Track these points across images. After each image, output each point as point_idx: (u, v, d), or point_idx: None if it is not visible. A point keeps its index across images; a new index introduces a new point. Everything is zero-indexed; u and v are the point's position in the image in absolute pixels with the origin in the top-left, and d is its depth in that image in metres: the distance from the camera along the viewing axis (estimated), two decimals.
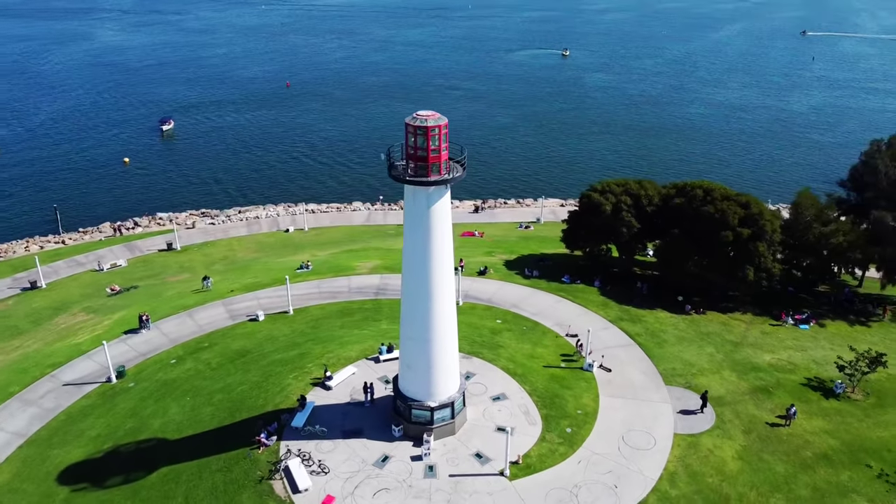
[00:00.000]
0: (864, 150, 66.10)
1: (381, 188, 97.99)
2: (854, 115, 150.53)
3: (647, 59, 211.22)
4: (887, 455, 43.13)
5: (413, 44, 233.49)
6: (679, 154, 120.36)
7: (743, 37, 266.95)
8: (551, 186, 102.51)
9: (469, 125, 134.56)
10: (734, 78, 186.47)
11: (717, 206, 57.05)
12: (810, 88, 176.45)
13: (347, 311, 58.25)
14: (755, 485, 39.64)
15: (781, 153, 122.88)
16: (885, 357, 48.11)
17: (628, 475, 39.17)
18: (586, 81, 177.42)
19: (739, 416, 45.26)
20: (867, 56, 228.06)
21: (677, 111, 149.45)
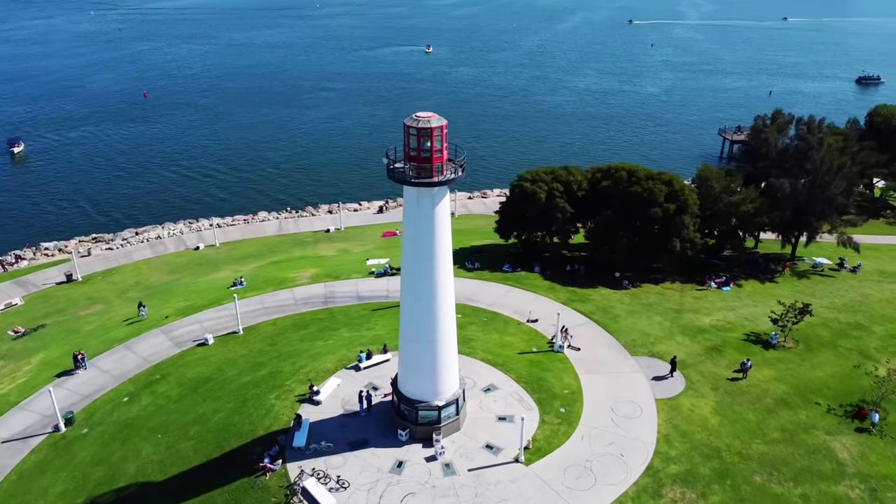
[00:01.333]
0: (722, 127, 73.26)
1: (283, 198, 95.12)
2: (701, 95, 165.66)
3: (506, 52, 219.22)
4: (828, 392, 48.75)
5: (270, 45, 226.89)
6: (555, 139, 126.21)
7: (585, 27, 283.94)
8: None
9: (353, 125, 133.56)
10: (589, 66, 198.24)
11: (643, 186, 61.13)
12: (657, 72, 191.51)
13: (301, 324, 56.45)
14: (736, 435, 43.41)
15: (647, 132, 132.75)
16: (810, 306, 54.11)
17: (629, 443, 41.50)
18: (455, 76, 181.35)
19: (704, 375, 49.18)
20: (697, 41, 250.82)
21: (545, 99, 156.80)
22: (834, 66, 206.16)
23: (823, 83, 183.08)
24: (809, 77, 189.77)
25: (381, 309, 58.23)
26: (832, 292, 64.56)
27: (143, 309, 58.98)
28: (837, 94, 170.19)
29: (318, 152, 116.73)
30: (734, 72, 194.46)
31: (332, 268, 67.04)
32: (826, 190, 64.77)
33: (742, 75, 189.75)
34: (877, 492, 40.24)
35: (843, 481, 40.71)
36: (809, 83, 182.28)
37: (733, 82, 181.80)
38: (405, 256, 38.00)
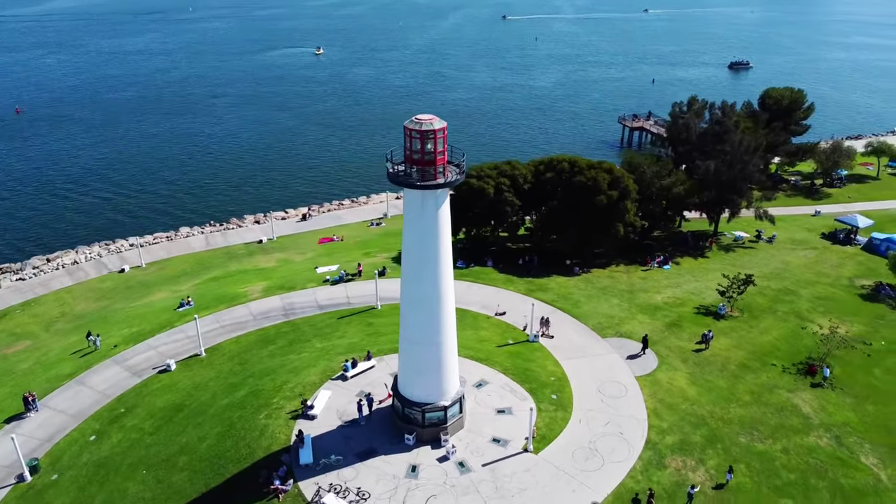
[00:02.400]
0: (621, 115, 77.67)
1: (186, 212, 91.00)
2: (591, 85, 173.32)
3: (397, 51, 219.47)
4: (780, 353, 53.09)
5: (148, 52, 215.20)
6: (462, 135, 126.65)
7: (468, 24, 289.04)
8: (369, 181, 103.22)
9: (257, 131, 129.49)
10: (480, 62, 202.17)
11: (587, 175, 63.62)
12: (547, 65, 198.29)
13: (267, 339, 54.57)
14: (714, 401, 46.45)
15: (550, 124, 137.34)
16: (752, 277, 58.52)
17: (624, 421, 43.43)
18: (351, 77, 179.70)
19: (671, 350, 52.12)
20: (577, 34, 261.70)
21: (444, 96, 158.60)
22: (706, 54, 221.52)
23: (700, 69, 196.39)
24: (686, 64, 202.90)
25: (346, 316, 57.31)
26: (757, 262, 69.92)
27: (95, 338, 54.90)
28: (713, 79, 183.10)
29: (227, 161, 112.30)
30: (616, 62, 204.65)
31: (282, 279, 65.09)
32: (745, 168, 69.96)
33: (625, 65, 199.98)
34: (840, 438, 44.35)
35: (812, 433, 44.54)
36: (687, 70, 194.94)
37: (618, 72, 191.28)
38: (407, 260, 37.79)
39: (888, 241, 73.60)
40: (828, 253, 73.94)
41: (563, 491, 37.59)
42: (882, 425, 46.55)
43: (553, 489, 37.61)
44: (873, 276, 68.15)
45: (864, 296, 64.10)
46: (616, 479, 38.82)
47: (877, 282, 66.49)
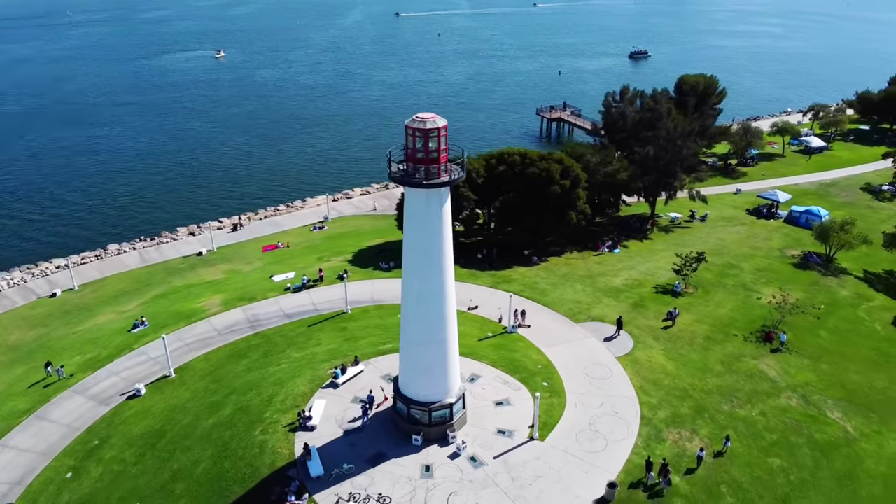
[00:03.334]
0: (539, 107, 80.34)
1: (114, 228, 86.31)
2: (502, 79, 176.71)
3: (301, 51, 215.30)
4: (737, 324, 56.46)
5: (32, 61, 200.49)
6: (387, 134, 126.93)
7: (368, 21, 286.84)
8: (302, 185, 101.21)
9: (166, 140, 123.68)
10: (388, 59, 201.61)
11: (539, 167, 65.10)
12: (455, 61, 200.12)
13: (239, 353, 52.62)
14: (692, 374, 48.89)
15: (470, 118, 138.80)
16: (704, 254, 61.82)
17: (616, 401, 45.00)
18: (259, 79, 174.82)
19: (641, 329, 54.32)
20: (477, 29, 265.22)
21: (361, 95, 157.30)
22: (605, 45, 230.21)
23: (602, 59, 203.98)
24: (588, 55, 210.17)
25: (316, 323, 56.10)
26: (697, 241, 73.84)
27: (59, 369, 51.07)
28: (616, 68, 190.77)
29: (143, 173, 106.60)
30: (521, 56, 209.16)
31: (239, 291, 62.82)
32: (680, 153, 73.63)
33: (530, 58, 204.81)
34: (806, 397, 47.80)
35: (782, 395, 47.77)
36: (590, 60, 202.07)
37: (525, 66, 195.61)
38: (411, 260, 37.49)
39: (807, 213, 79.50)
40: (756, 227, 79.04)
41: (577, 474, 38.55)
42: (837, 382, 50.48)
43: (567, 473, 38.51)
44: (799, 246, 73.48)
45: (796, 265, 69.06)
46: (622, 456, 40.19)
47: (804, 251, 71.71)
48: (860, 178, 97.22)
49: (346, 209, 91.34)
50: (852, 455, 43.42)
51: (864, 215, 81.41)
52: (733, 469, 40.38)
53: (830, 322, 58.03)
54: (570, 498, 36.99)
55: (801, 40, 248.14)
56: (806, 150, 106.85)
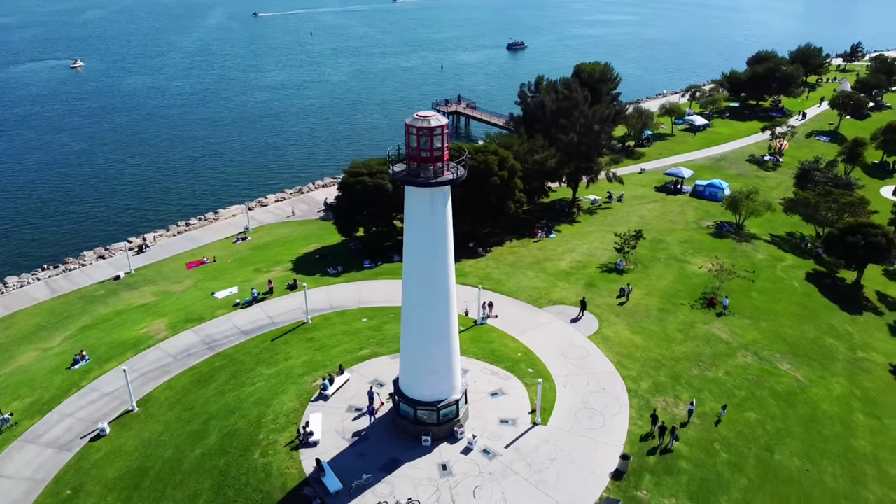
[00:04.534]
0: (435, 101, 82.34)
1: None
2: (389, 76, 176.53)
3: (168, 56, 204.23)
4: (681, 294, 60.42)
5: None
6: (277, 138, 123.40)
7: (231, 22, 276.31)
8: (208, 196, 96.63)
9: (34, 159, 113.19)
10: (265, 61, 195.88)
11: (478, 159, 66.06)
12: (336, 60, 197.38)
13: (204, 377, 49.75)
14: (658, 345, 51.87)
15: (364, 118, 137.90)
16: (641, 231, 65.41)
17: (601, 378, 46.96)
18: (127, 89, 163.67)
19: (601, 308, 56.81)
20: (348, 26, 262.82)
21: (244, 100, 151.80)
22: (480, 38, 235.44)
23: (482, 52, 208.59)
24: (467, 48, 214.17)
25: (279, 337, 54.06)
26: (620, 219, 77.91)
27: (7, 416, 45.84)
28: (496, 60, 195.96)
29: (20, 195, 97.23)
30: (400, 52, 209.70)
31: (182, 312, 59.19)
32: (598, 137, 77.25)
33: (409, 54, 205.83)
34: (758, 353, 52.15)
35: (738, 354, 51.78)
36: (470, 53, 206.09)
37: (406, 61, 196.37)
38: (415, 260, 37.19)
39: (710, 186, 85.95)
40: (668, 203, 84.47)
41: (587, 451, 39.95)
42: (778, 337, 55.37)
43: (577, 452, 39.82)
44: (710, 217, 79.39)
45: (713, 234, 74.62)
46: (622, 429, 42.09)
47: (717, 221, 77.56)
48: (743, 150, 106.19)
49: (265, 217, 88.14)
50: (809, 401, 47.87)
51: (756, 184, 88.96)
52: (720, 427, 43.32)
53: (758, 284, 63.27)
54: (587, 475, 38.27)
55: (656, 27, 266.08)
56: (691, 128, 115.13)
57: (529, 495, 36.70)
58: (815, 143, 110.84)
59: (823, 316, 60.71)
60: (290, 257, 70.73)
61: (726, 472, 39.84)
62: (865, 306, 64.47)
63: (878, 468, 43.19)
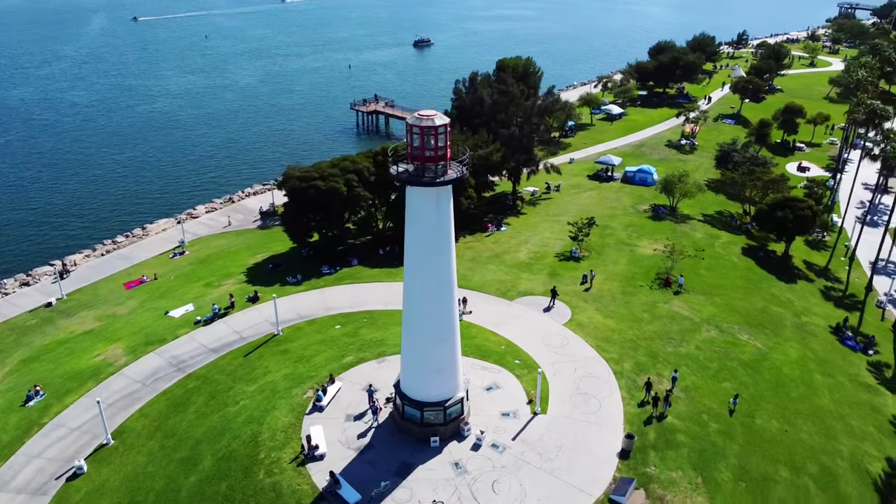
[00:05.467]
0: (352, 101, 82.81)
1: None
2: (296, 78, 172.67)
3: (53, 65, 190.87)
4: (638, 276, 62.99)
5: None
6: (197, 149, 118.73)
7: (115, 26, 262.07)
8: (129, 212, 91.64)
9: None
10: (165, 67, 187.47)
11: None
12: (240, 63, 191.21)
13: (181, 401, 47.29)
14: (629, 326, 53.92)
15: (284, 120, 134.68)
16: (593, 219, 67.57)
17: (586, 364, 48.34)
18: (12, 103, 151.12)
19: (568, 295, 58.35)
20: (244, 28, 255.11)
21: (150, 109, 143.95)
22: (384, 35, 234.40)
23: (388, 50, 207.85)
24: (372, 47, 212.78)
25: (251, 352, 52.18)
26: (562, 209, 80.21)
27: None
28: (404, 58, 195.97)
29: None
30: (305, 53, 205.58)
31: (140, 335, 55.88)
32: (537, 129, 79.08)
33: (315, 55, 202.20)
34: (720, 326, 55.25)
35: (702, 328, 54.69)
36: (376, 52, 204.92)
37: (312, 62, 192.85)
38: (420, 261, 36.98)
39: (639, 171, 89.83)
40: (603, 190, 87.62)
41: (591, 435, 41.11)
42: (732, 310, 58.82)
43: (583, 437, 40.90)
44: (644, 201, 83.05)
45: (651, 217, 78.09)
46: (618, 410, 43.58)
47: (652, 205, 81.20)
48: (660, 136, 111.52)
49: (199, 230, 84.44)
50: (772, 366, 51.23)
51: (678, 167, 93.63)
52: (703, 399, 45.64)
53: (705, 262, 66.76)
54: (596, 458, 39.39)
55: (556, 22, 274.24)
56: (608, 117, 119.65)
57: (547, 483, 37.34)
58: (722, 126, 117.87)
59: (765, 287, 64.88)
60: (239, 269, 68.21)
61: (719, 441, 42.02)
62: (797, 275, 69.42)
63: (843, 422, 46.80)
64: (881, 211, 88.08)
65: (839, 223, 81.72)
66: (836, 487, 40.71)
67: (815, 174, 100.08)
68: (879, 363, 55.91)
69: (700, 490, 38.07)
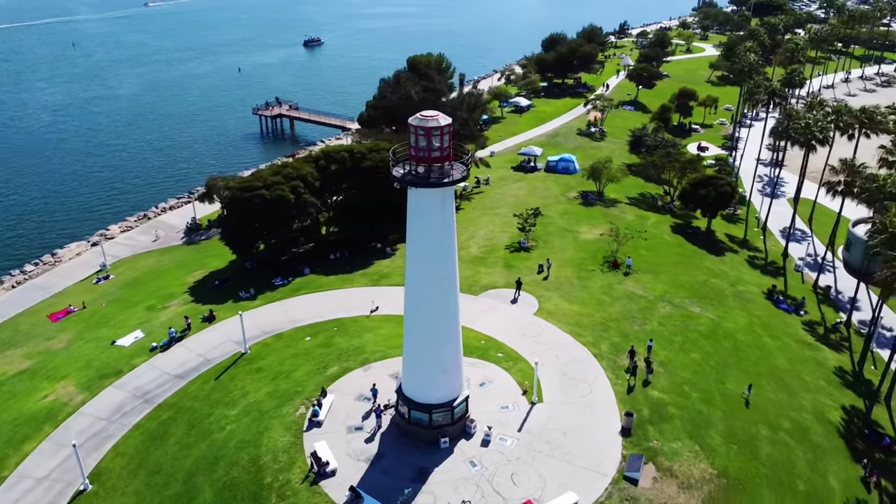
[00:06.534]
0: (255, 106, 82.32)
1: None
2: (186, 84, 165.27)
3: None
4: (587, 260, 65.36)
5: None
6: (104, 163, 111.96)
7: None
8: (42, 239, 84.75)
9: None
10: (33, 77, 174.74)
11: (373, 158, 65.61)
12: (117, 71, 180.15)
13: (158, 434, 44.37)
14: (595, 310, 55.98)
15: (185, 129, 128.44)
16: (538, 209, 69.34)
17: (565, 350, 49.78)
18: None
19: (529, 285, 59.70)
20: (116, 34, 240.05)
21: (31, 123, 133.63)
22: (268, 37, 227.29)
23: (277, 51, 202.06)
24: (259, 49, 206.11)
25: (221, 374, 49.79)
26: (497, 201, 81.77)
27: None
28: (296, 58, 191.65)
29: None
30: (188, 57, 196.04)
31: (89, 370, 51.64)
32: (466, 124, 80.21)
33: (199, 59, 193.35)
34: (672, 302, 58.47)
35: (658, 305, 57.73)
36: (266, 53, 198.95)
37: (198, 67, 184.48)
38: (423, 261, 36.68)
39: (561, 160, 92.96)
40: (530, 180, 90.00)
41: (589, 418, 42.55)
42: (679, 285, 62.39)
43: (586, 420, 42.26)
44: (571, 189, 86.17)
45: (582, 203, 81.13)
46: (608, 391, 45.30)
47: (580, 192, 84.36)
48: (570, 126, 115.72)
49: (120, 251, 79.17)
50: (727, 335, 54.89)
51: (594, 154, 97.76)
52: (679, 371, 48.29)
53: (641, 242, 70.20)
54: (601, 439, 40.84)
55: (442, 18, 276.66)
56: (517, 109, 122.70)
57: (562, 469, 38.31)
58: (623, 112, 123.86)
59: (699, 261, 69.19)
60: (180, 289, 64.69)
61: (704, 408, 44.64)
62: (723, 248, 74.52)
63: (798, 379, 50.98)
64: (779, 184, 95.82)
65: (747, 197, 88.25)
66: (809, 438, 44.32)
67: (714, 153, 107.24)
68: (812, 322, 61.18)
69: (700, 457, 40.31)
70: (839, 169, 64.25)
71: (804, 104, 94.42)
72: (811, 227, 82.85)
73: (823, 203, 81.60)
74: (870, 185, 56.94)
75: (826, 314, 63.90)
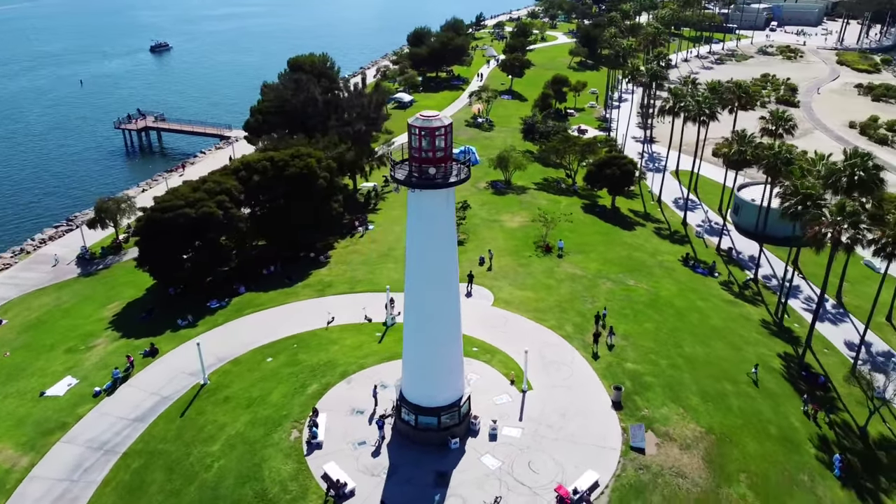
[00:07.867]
0: (117, 119, 79.11)
1: None
2: (13, 101, 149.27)
3: None
4: (521, 247, 67.33)
5: None
6: None
7: None
8: None
9: None
10: None
11: (298, 165, 63.44)
12: None
13: (137, 486, 40.52)
14: (547, 294, 57.93)
15: (39, 151, 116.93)
16: (467, 201, 70.18)
17: (540, 336, 51.15)
18: None
19: (477, 277, 60.41)
20: None
21: None
22: (105, 44, 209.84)
23: (121, 59, 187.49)
24: (99, 57, 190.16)
25: (185, 410, 46.34)
26: None
27: None
28: (143, 65, 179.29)
29: None
30: (15, 72, 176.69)
31: (24, 429, 45.64)
32: (375, 124, 79.53)
33: (30, 73, 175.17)
34: (610, 278, 61.87)
35: (600, 283, 60.90)
36: (108, 62, 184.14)
37: (31, 81, 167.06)
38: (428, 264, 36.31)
39: (461, 152, 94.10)
40: None
41: (582, 397, 44.30)
42: (610, 262, 66.00)
43: (577, 400, 43.92)
44: (479, 179, 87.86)
45: (494, 193, 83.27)
46: (588, 369, 47.35)
47: (488, 181, 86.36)
48: (456, 118, 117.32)
49: (7, 292, 70.50)
50: (666, 303, 58.97)
51: (488, 144, 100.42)
52: (641, 342, 51.27)
53: (562, 225, 73.13)
54: (598, 415, 42.72)
55: (286, 17, 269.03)
56: (400, 105, 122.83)
57: (573, 450, 39.67)
58: (502, 101, 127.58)
59: (617, 237, 73.45)
60: (99, 326, 59.09)
61: (674, 373, 47.81)
62: (631, 223, 79.50)
63: (737, 335, 55.86)
64: (655, 158, 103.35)
65: (643, 173, 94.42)
66: (765, 386, 48.81)
67: (593, 135, 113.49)
68: (727, 282, 67.03)
69: (687, 418, 43.23)
70: (734, 140, 70.57)
71: (678, 84, 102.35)
72: (698, 195, 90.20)
73: (704, 174, 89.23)
74: (766, 152, 63.11)
75: (734, 273, 70.05)
